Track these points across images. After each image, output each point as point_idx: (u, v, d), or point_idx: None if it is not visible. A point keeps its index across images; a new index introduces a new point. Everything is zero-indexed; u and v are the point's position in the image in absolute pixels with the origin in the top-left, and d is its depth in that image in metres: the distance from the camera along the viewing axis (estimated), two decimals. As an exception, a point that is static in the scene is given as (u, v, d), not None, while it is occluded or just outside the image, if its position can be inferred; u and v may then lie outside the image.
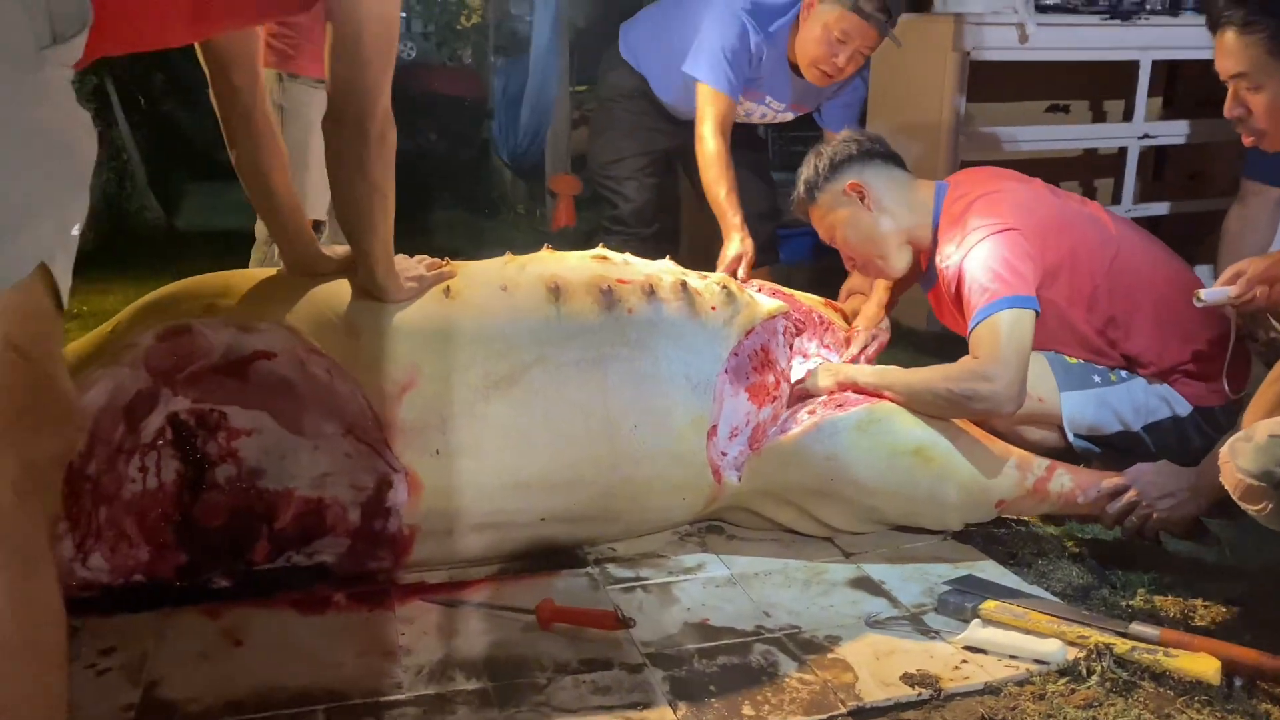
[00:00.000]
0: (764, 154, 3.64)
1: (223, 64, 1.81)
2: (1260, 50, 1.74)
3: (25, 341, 1.04)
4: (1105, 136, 3.84)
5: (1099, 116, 3.88)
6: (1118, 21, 3.59)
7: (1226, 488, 1.61)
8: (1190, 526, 1.94)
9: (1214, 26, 1.81)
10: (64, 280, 1.09)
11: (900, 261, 2.30)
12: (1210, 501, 1.88)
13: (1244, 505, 1.60)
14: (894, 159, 2.34)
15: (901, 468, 2.01)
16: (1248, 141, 1.86)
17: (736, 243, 2.65)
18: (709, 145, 2.73)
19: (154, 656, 1.65)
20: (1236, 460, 1.58)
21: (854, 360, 2.35)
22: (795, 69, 2.86)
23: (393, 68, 1.71)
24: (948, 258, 2.16)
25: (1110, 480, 2.00)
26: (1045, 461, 2.07)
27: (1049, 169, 2.65)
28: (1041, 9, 3.55)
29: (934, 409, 2.03)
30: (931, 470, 2.00)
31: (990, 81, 3.60)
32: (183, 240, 5.18)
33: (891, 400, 2.06)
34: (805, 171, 2.33)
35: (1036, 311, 2.03)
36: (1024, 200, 2.21)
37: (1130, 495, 1.95)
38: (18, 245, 1.04)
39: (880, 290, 2.53)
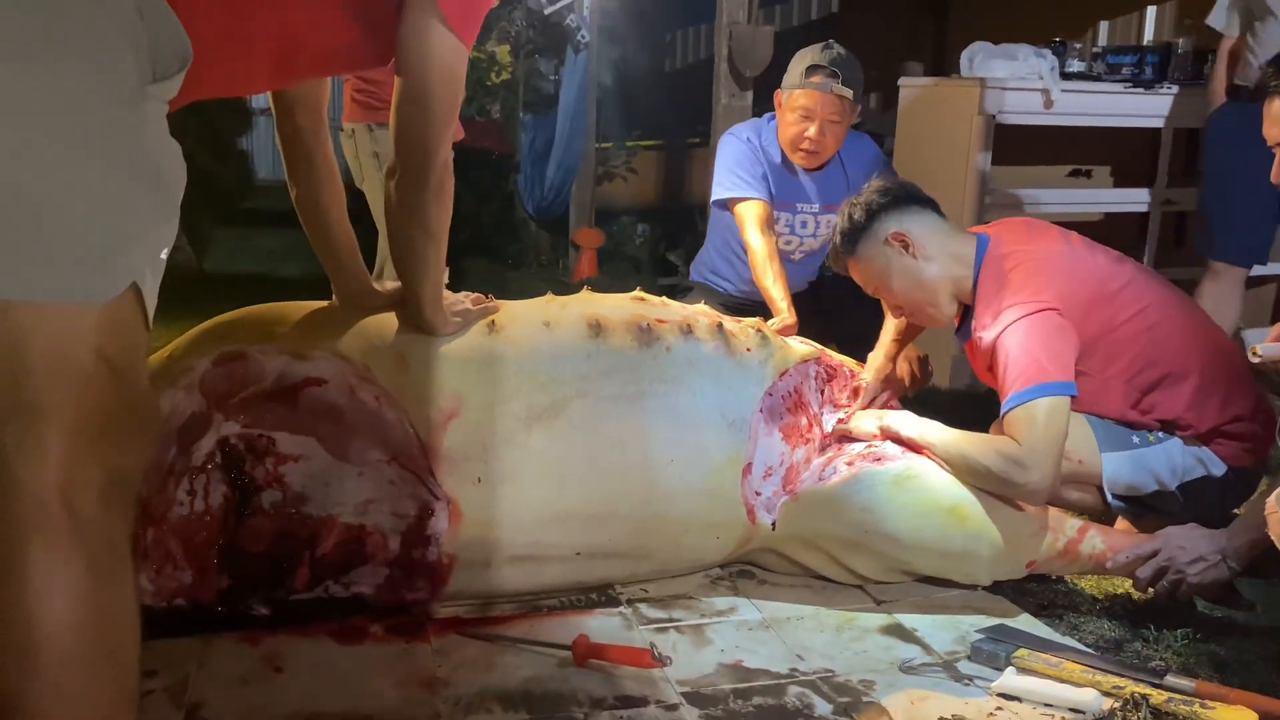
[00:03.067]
0: None
1: (289, 106, 1.88)
2: None
3: (116, 355, 1.09)
4: (1127, 201, 3.89)
5: (1120, 181, 3.94)
6: (1140, 90, 3.67)
7: (1273, 538, 1.61)
8: (1222, 591, 1.93)
9: (1263, 95, 1.82)
10: (151, 300, 1.14)
11: (951, 308, 2.28)
12: (1241, 564, 1.88)
13: None
14: (930, 204, 2.32)
15: (936, 525, 2.02)
16: None
17: (781, 318, 2.71)
18: (753, 244, 2.86)
19: (196, 680, 1.66)
20: None
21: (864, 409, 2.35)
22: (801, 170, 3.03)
23: (455, 121, 1.78)
24: (984, 327, 2.14)
25: (1140, 545, 2.00)
26: (1077, 523, 2.07)
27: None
28: (1066, 76, 3.64)
29: (967, 476, 2.02)
30: (965, 529, 2.01)
31: (1014, 145, 3.67)
32: (211, 282, 5.27)
33: (929, 456, 2.08)
34: (841, 223, 2.31)
35: (1073, 396, 2.03)
36: (1064, 269, 2.18)
37: (1160, 560, 1.94)
38: (116, 265, 1.09)
39: (886, 340, 2.51)
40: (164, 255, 1.16)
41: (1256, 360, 2.00)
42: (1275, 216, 3.31)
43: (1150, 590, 1.97)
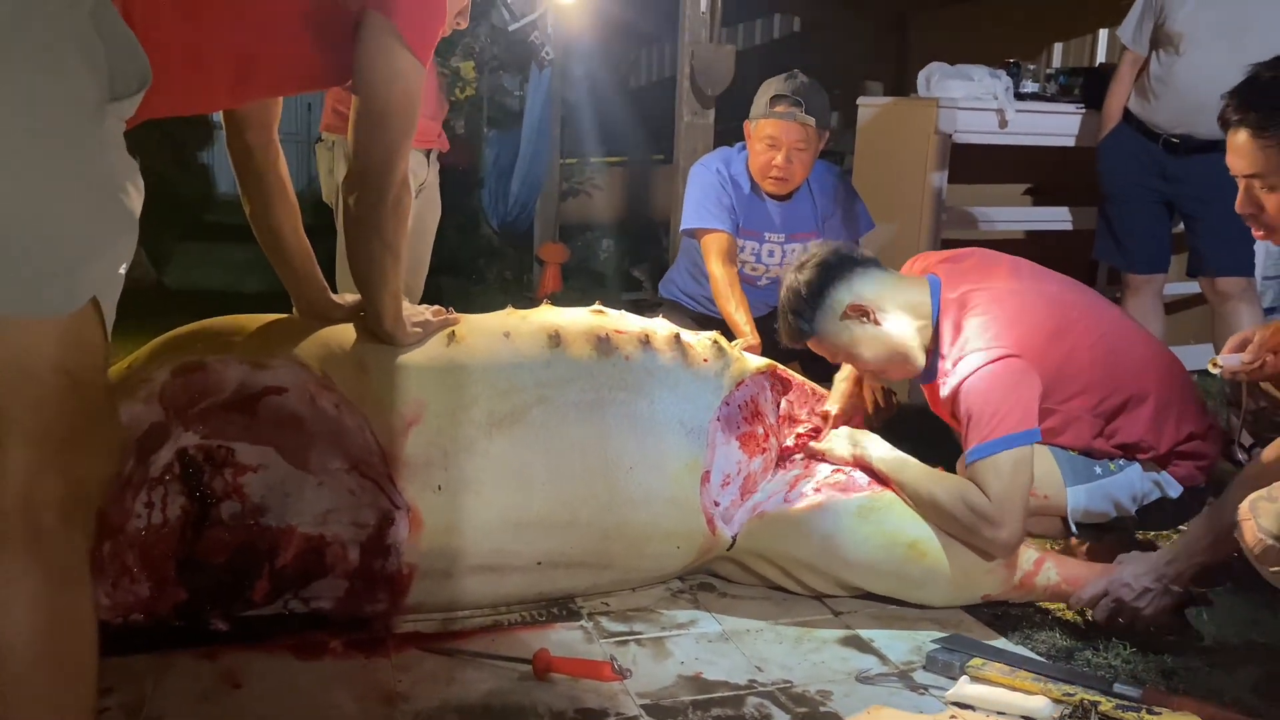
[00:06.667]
0: None
1: (240, 124, 1.90)
2: (1275, 153, 1.71)
3: (76, 368, 1.10)
4: (1080, 219, 3.97)
5: (1073, 200, 4.02)
6: (1092, 110, 3.75)
7: (1243, 545, 1.63)
8: (1172, 619, 1.95)
9: (1225, 126, 1.79)
10: (110, 314, 1.15)
11: (923, 358, 2.23)
12: (1182, 586, 1.91)
13: (1259, 565, 1.62)
14: (870, 262, 2.29)
15: (895, 557, 2.04)
16: (1259, 235, 1.86)
17: (745, 339, 2.76)
18: (715, 274, 2.98)
19: (153, 697, 1.65)
20: (1258, 519, 1.59)
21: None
22: (770, 198, 3.10)
23: (413, 136, 1.80)
24: (944, 374, 2.14)
25: (1091, 586, 1.99)
26: (1034, 555, 2.07)
27: (1025, 249, 2.76)
28: (1020, 96, 3.72)
29: (935, 520, 2.03)
30: (923, 564, 2.03)
31: (970, 164, 3.75)
32: (173, 297, 5.23)
33: (897, 491, 2.09)
34: (790, 303, 2.23)
35: (1038, 441, 2.04)
36: (1019, 309, 2.17)
37: (1109, 602, 1.95)
38: (76, 279, 1.10)
39: (849, 368, 2.51)
40: (123, 270, 1.17)
41: (1216, 371, 2.03)
42: (1168, 227, 3.49)
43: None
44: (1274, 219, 1.78)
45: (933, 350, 2.23)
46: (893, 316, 2.21)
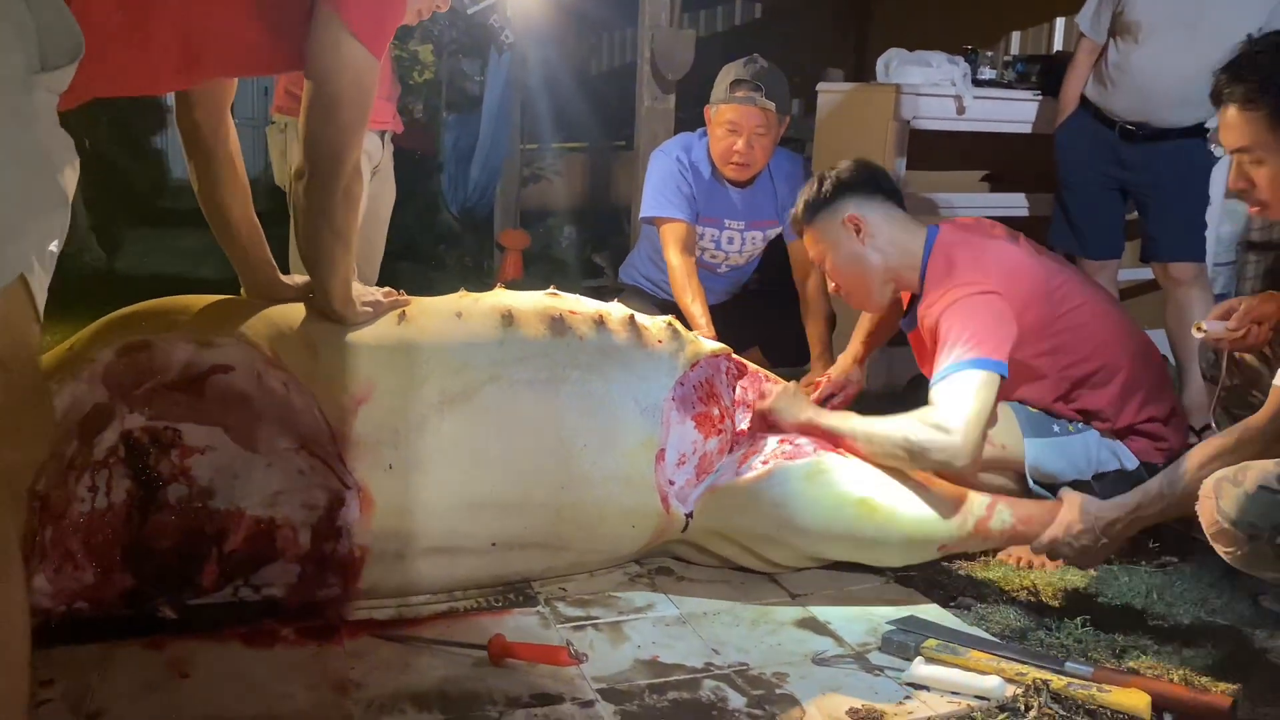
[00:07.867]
0: None
1: (190, 102, 1.87)
2: (1262, 126, 1.73)
3: (4, 350, 1.06)
4: (1037, 206, 4.00)
5: (1032, 186, 4.04)
6: (1049, 97, 3.78)
7: (1201, 523, 1.66)
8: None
9: (1216, 101, 1.81)
10: (41, 293, 1.12)
11: (883, 297, 2.38)
12: (1114, 542, 1.94)
13: (1215, 544, 1.65)
14: (895, 195, 2.41)
15: (847, 517, 2.05)
16: (1253, 211, 1.89)
17: (700, 331, 2.77)
18: (673, 264, 2.98)
19: (97, 688, 1.61)
20: (1220, 501, 1.61)
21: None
22: (731, 184, 3.11)
23: (365, 126, 1.78)
24: (930, 306, 2.22)
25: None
26: (985, 499, 2.08)
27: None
28: (978, 83, 3.74)
29: (891, 460, 2.05)
30: (875, 520, 2.05)
31: (929, 150, 3.76)
32: (122, 284, 5.13)
33: (849, 448, 2.11)
34: (807, 192, 2.40)
35: (1004, 376, 2.08)
36: (1009, 263, 2.27)
37: (1054, 538, 1.97)
38: (1, 256, 1.06)
39: (856, 344, 2.65)
40: (54, 247, 1.13)
41: (1200, 335, 2.06)
42: (1122, 213, 3.53)
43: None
44: (1264, 194, 1.80)
45: (913, 296, 2.33)
46: (881, 245, 2.34)
